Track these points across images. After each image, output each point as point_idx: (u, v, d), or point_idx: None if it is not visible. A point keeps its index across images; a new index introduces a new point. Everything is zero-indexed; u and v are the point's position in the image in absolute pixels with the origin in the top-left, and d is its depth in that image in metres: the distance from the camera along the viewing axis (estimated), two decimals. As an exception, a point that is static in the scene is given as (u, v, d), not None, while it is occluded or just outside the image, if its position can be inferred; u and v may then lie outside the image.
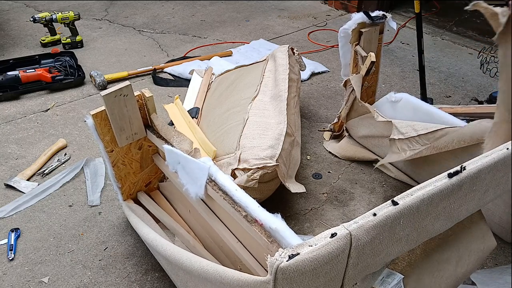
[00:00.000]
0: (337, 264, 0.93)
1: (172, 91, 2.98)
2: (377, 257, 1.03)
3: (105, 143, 1.60)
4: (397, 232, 1.03)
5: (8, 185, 2.12)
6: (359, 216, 0.97)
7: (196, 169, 1.36)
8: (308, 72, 3.15)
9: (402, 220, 1.01)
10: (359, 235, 0.93)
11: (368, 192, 2.16)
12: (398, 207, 0.99)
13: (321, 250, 0.88)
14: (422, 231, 1.11)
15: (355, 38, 2.20)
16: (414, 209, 1.02)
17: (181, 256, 1.26)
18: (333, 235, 0.90)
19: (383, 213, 0.97)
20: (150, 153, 1.77)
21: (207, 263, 1.15)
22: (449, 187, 1.08)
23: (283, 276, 0.85)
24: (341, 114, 2.42)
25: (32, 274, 1.71)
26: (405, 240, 1.07)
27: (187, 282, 1.34)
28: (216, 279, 1.08)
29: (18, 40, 3.65)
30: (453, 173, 1.09)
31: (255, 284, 0.94)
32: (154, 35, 3.84)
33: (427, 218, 1.09)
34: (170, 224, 1.74)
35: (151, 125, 1.65)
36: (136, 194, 1.87)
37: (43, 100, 2.84)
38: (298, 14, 4.35)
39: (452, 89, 3.08)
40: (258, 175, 1.72)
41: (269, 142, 1.82)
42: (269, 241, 1.09)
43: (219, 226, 1.42)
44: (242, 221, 1.19)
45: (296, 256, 0.85)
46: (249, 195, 1.22)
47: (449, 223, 1.21)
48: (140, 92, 1.58)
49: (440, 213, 1.12)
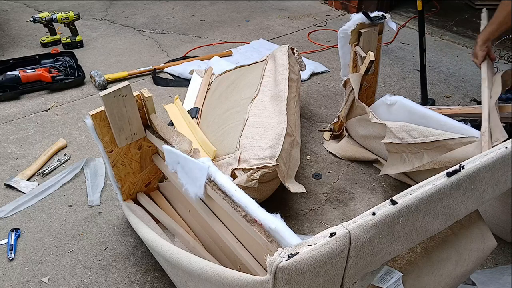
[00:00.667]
0: (336, 264, 0.93)
1: (172, 91, 2.98)
2: (377, 256, 1.03)
3: (105, 143, 1.60)
4: (396, 231, 1.03)
5: (8, 185, 2.12)
6: (358, 216, 0.97)
7: (195, 169, 1.36)
8: (308, 72, 3.15)
9: (401, 219, 1.01)
10: (358, 234, 0.93)
11: (368, 192, 2.16)
12: (397, 206, 0.99)
13: (320, 249, 0.88)
14: (421, 230, 1.11)
15: (354, 38, 2.20)
16: (413, 208, 1.02)
17: (181, 256, 1.27)
18: (332, 234, 0.90)
19: (382, 212, 0.97)
20: (149, 153, 1.77)
21: (206, 263, 1.15)
22: (448, 186, 1.08)
23: (282, 275, 0.85)
24: (341, 114, 2.42)
25: (32, 274, 1.71)
26: (404, 239, 1.07)
27: (187, 282, 1.34)
28: (216, 279, 1.08)
29: (18, 40, 3.65)
30: (451, 172, 1.09)
31: (255, 284, 0.94)
32: (154, 35, 3.84)
33: (426, 217, 1.09)
34: (170, 225, 1.74)
35: (151, 125, 1.65)
36: (136, 194, 1.87)
37: (43, 100, 2.84)
38: (298, 14, 4.35)
39: (452, 89, 3.08)
40: (258, 175, 1.72)
41: (269, 142, 1.82)
42: (268, 241, 1.09)
43: (218, 226, 1.42)
44: (242, 221, 1.19)
45: (295, 256, 0.85)
46: (249, 195, 1.22)
47: (448, 222, 1.21)
48: (139, 92, 1.57)
49: (439, 212, 1.12)
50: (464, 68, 3.37)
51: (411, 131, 1.95)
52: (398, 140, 1.98)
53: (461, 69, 3.35)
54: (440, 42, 3.80)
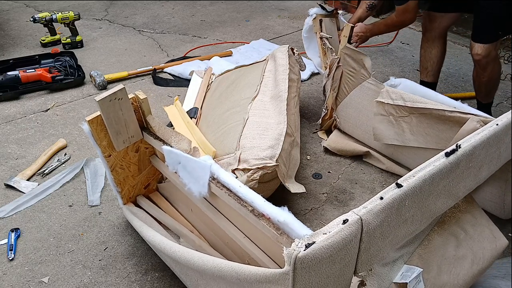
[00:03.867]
0: (350, 250, 0.95)
1: (172, 91, 2.98)
2: (386, 240, 1.06)
3: (103, 148, 1.59)
4: (403, 214, 1.07)
5: (8, 185, 2.12)
6: (367, 201, 1.00)
7: (198, 168, 1.36)
8: (308, 72, 3.15)
9: (407, 201, 1.05)
10: (369, 219, 0.96)
11: (368, 192, 2.16)
12: (403, 189, 1.03)
13: (336, 236, 0.90)
14: (426, 210, 1.15)
15: (317, 27, 2.52)
16: (418, 190, 1.06)
17: (192, 256, 1.26)
18: (345, 221, 0.93)
19: (389, 196, 1.01)
20: (147, 155, 1.76)
21: (220, 261, 1.15)
22: (448, 165, 1.14)
23: (301, 265, 0.87)
24: (327, 104, 2.43)
25: (32, 274, 1.71)
26: (410, 221, 1.11)
27: (198, 281, 1.34)
28: (232, 276, 1.07)
29: (18, 40, 3.65)
30: (450, 152, 1.15)
31: (274, 276, 0.94)
32: (154, 35, 3.84)
33: (429, 198, 1.13)
34: (173, 226, 1.73)
35: (147, 127, 1.65)
36: (136, 197, 1.87)
37: (43, 100, 2.85)
38: (298, 14, 4.35)
39: (452, 89, 3.08)
40: (258, 175, 1.72)
41: (269, 142, 1.82)
42: (278, 233, 1.11)
43: (224, 223, 1.42)
44: (249, 216, 1.20)
45: (313, 245, 0.87)
46: (250, 195, 1.23)
47: (450, 201, 1.25)
48: (134, 95, 1.57)
49: (441, 191, 1.17)
50: (464, 68, 3.37)
51: (404, 95, 2.07)
52: (390, 100, 2.10)
53: (461, 69, 3.35)
54: (440, 42, 3.80)
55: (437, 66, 2.66)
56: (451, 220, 1.50)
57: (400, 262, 1.33)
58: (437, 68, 2.67)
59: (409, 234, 1.15)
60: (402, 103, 2.07)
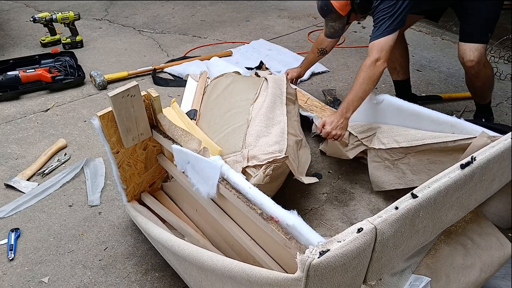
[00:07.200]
0: (363, 259, 0.95)
1: (172, 91, 2.98)
2: (398, 250, 1.06)
3: (111, 144, 1.58)
4: (416, 224, 1.06)
5: (8, 185, 2.11)
6: (382, 211, 0.99)
7: (208, 168, 1.35)
8: (308, 72, 3.14)
9: (422, 212, 1.05)
10: (384, 229, 0.96)
11: (368, 192, 2.16)
12: (418, 199, 1.03)
13: (350, 245, 0.89)
14: (437, 222, 1.15)
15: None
16: (432, 201, 1.06)
17: (202, 254, 1.23)
18: (360, 230, 0.92)
19: (404, 206, 1.00)
20: (154, 153, 1.76)
21: (230, 261, 1.13)
22: (462, 178, 1.13)
23: (315, 273, 0.87)
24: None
25: (32, 274, 1.71)
26: (422, 232, 1.11)
27: (202, 281, 1.32)
28: (242, 277, 1.06)
29: (18, 40, 3.65)
30: (465, 164, 1.14)
31: (286, 281, 0.93)
32: (154, 35, 3.84)
33: (442, 209, 1.13)
34: (178, 224, 1.73)
35: (157, 125, 1.64)
36: (140, 195, 1.87)
37: (43, 100, 2.84)
38: (298, 14, 4.35)
39: (452, 89, 3.08)
40: (271, 170, 1.71)
41: (274, 139, 1.83)
42: (287, 238, 1.10)
43: (230, 225, 1.41)
44: (258, 219, 1.19)
45: (327, 253, 0.87)
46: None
47: (460, 213, 1.24)
48: (146, 92, 1.56)
49: (454, 203, 1.16)
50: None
51: (397, 136, 1.94)
52: (382, 145, 1.98)
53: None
54: (440, 42, 3.80)
55: (405, 63, 2.64)
56: (457, 229, 1.50)
57: (408, 272, 1.33)
58: (405, 65, 2.65)
59: (419, 245, 1.15)
60: (396, 145, 1.93)
